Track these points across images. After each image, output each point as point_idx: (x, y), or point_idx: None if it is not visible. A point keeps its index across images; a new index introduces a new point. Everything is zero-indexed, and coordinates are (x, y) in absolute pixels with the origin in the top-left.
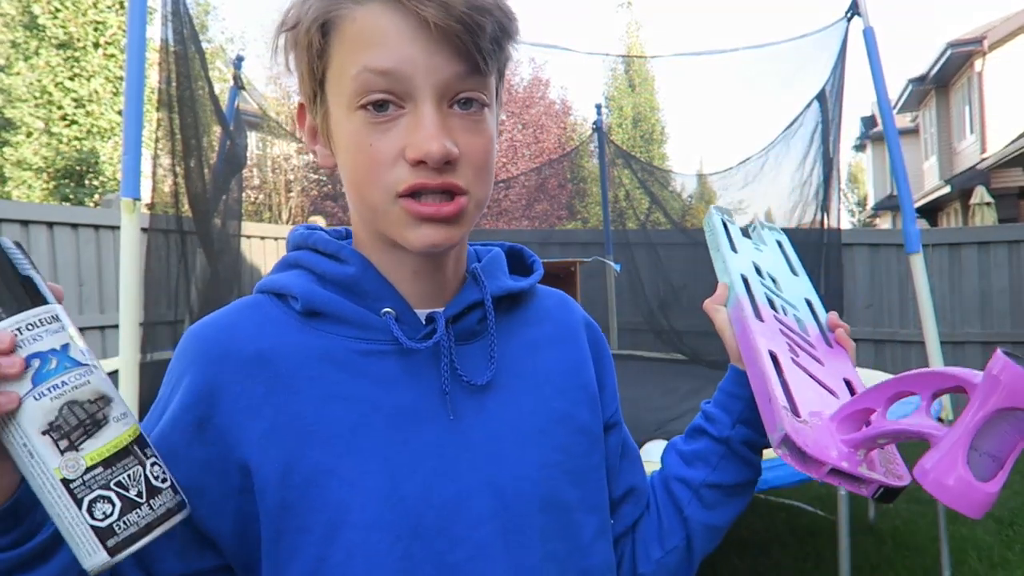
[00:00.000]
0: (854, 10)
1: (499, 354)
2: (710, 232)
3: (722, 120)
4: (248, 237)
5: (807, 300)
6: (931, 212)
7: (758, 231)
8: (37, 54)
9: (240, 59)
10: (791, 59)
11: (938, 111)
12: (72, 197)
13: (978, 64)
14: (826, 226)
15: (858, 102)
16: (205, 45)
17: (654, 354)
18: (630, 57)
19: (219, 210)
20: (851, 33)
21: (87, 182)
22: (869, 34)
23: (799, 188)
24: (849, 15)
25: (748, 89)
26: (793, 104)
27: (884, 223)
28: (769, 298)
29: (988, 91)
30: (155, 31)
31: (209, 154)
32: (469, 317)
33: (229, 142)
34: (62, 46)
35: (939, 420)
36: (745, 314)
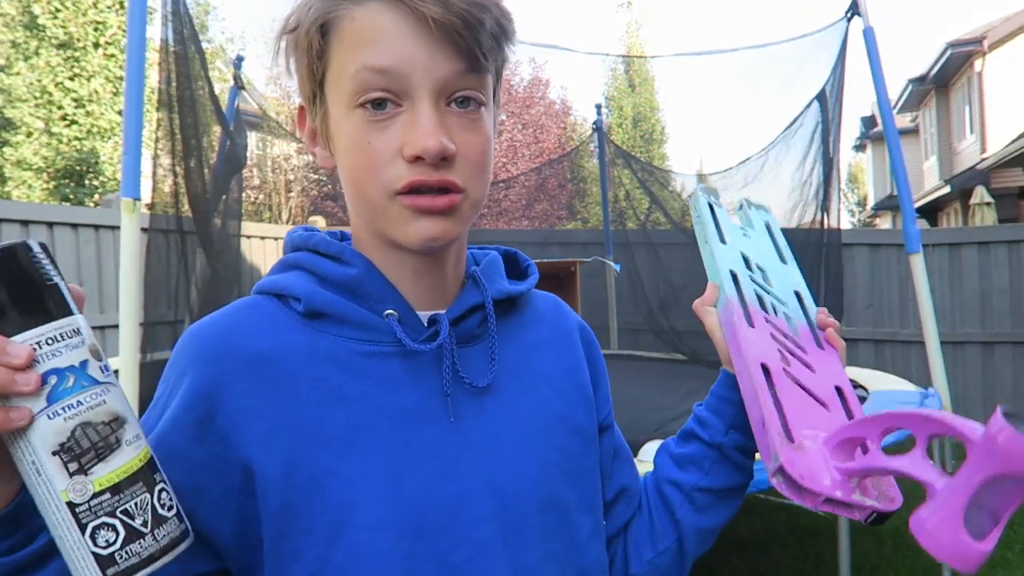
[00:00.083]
0: (854, 10)
1: (498, 356)
2: (697, 218)
3: (722, 120)
4: (248, 237)
5: (796, 293)
6: (931, 212)
7: (745, 211)
8: (37, 54)
9: (240, 59)
10: (791, 59)
11: (938, 111)
12: (72, 197)
13: (978, 64)
14: (826, 226)
15: (858, 102)
16: (205, 45)
17: (654, 354)
18: (630, 57)
19: (219, 210)
20: (851, 33)
21: (87, 182)
22: (869, 34)
23: (799, 188)
24: (849, 15)
25: (748, 89)
26: (793, 104)
27: (884, 223)
28: (759, 295)
29: (988, 91)
30: (155, 31)
31: (209, 154)
32: (470, 320)
33: (229, 142)
34: (62, 46)
35: None
36: (735, 320)
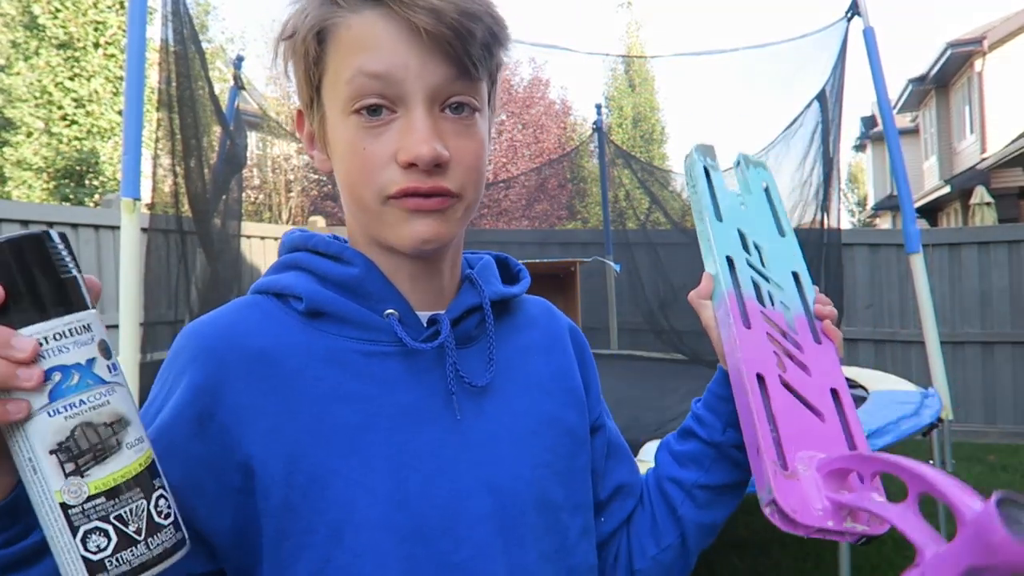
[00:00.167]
0: (854, 10)
1: (494, 357)
2: (692, 187)
3: (722, 120)
4: (248, 237)
5: (794, 274)
6: (931, 212)
7: (743, 171)
8: (37, 54)
9: (240, 59)
10: (791, 59)
11: (938, 111)
12: (72, 197)
13: (978, 64)
14: (826, 226)
15: (858, 102)
16: (205, 45)
17: (654, 354)
18: (630, 57)
19: (219, 210)
20: (851, 33)
21: (87, 182)
22: (869, 34)
23: (799, 188)
24: (849, 15)
25: (748, 89)
26: (793, 104)
27: (884, 223)
28: (755, 283)
29: (988, 91)
30: (155, 31)
31: (209, 154)
32: (467, 321)
33: (229, 142)
34: (62, 46)
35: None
36: (731, 322)
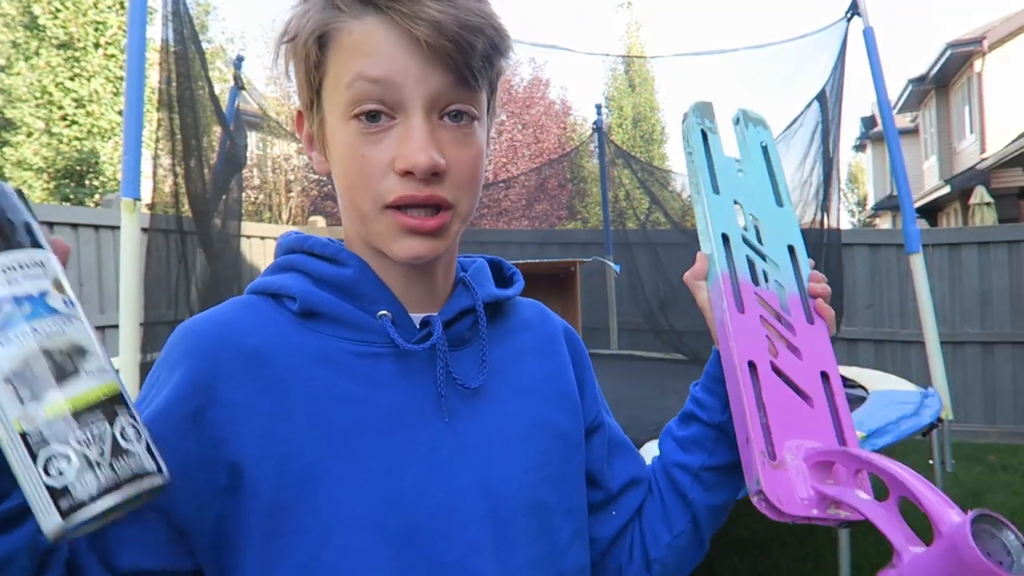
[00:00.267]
0: (854, 10)
1: (487, 359)
2: (689, 154)
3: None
4: (248, 237)
5: (790, 247)
6: (931, 212)
7: (742, 129)
8: (37, 54)
9: (240, 59)
10: (791, 59)
11: (938, 111)
12: (72, 197)
13: (978, 64)
14: (826, 226)
15: (858, 102)
16: (205, 45)
17: (654, 354)
18: (630, 57)
19: (219, 210)
20: (851, 33)
21: (87, 182)
22: (869, 34)
23: (799, 188)
24: (849, 15)
25: (748, 89)
26: (793, 104)
27: (884, 223)
28: (750, 260)
29: (988, 91)
30: (155, 31)
31: (209, 154)
32: (461, 323)
33: (229, 142)
34: (62, 46)
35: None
36: (725, 306)
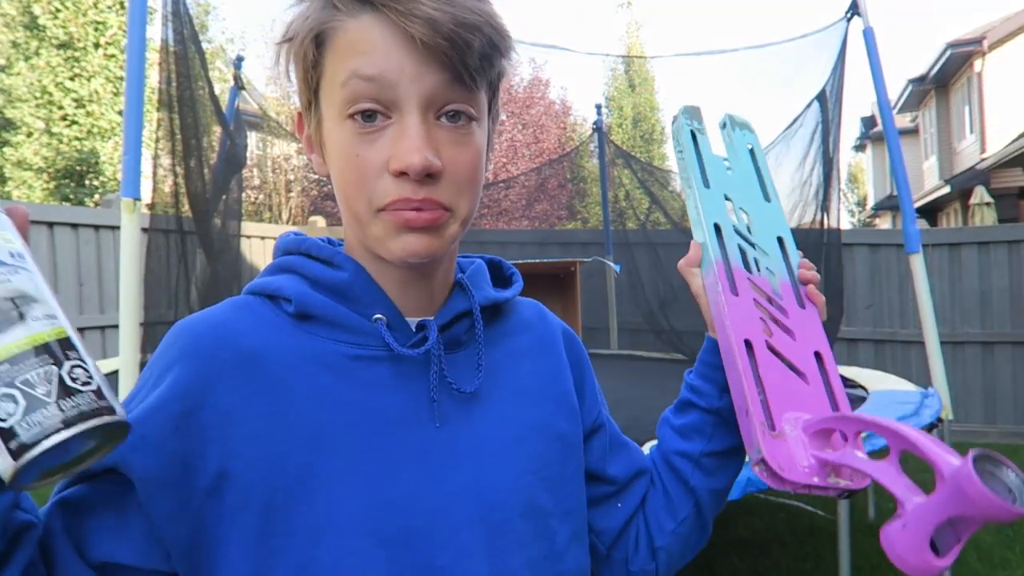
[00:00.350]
0: (854, 10)
1: (483, 363)
2: (679, 152)
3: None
4: (248, 237)
5: (779, 239)
6: (931, 212)
7: (728, 132)
8: (37, 54)
9: (240, 59)
10: (791, 59)
11: (938, 111)
12: (72, 197)
13: (978, 64)
14: (826, 226)
15: (858, 102)
16: (205, 45)
17: (654, 354)
18: (630, 57)
19: (219, 210)
20: (851, 33)
21: (87, 182)
22: (869, 34)
23: (799, 188)
24: (849, 15)
25: (748, 89)
26: (793, 104)
27: (884, 223)
28: (742, 249)
29: (988, 91)
30: (155, 31)
31: (209, 154)
32: (457, 326)
33: (229, 142)
34: (62, 46)
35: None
36: (719, 290)
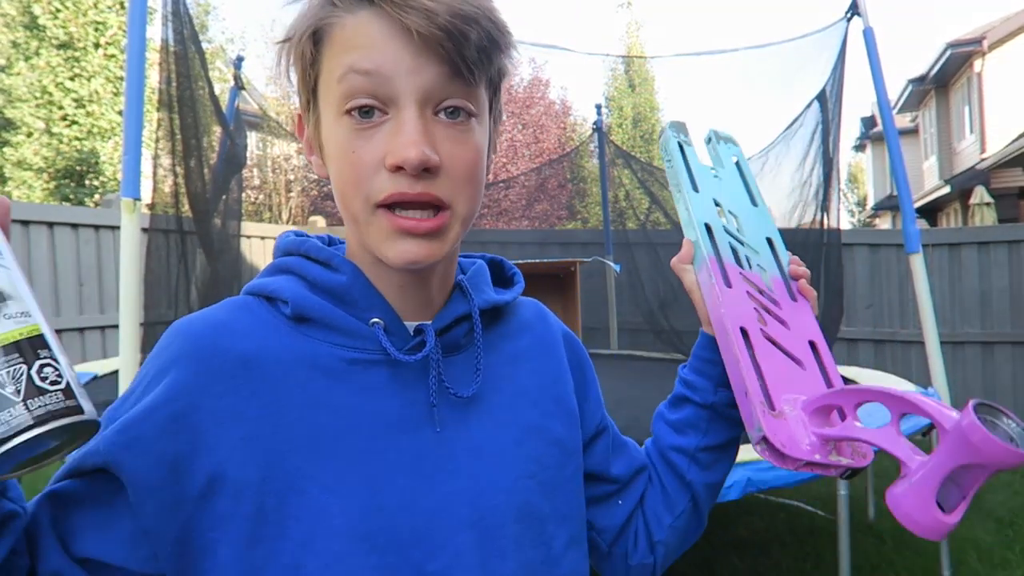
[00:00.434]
0: (854, 10)
1: (482, 366)
2: (668, 162)
3: (722, 120)
4: (248, 237)
5: (768, 240)
6: (931, 212)
7: (714, 146)
8: (38, 54)
9: (240, 59)
10: (791, 59)
11: (938, 111)
12: (72, 197)
13: (977, 64)
14: (826, 226)
15: (858, 102)
16: (205, 45)
17: (654, 354)
18: (630, 57)
19: (219, 210)
20: (851, 33)
21: (87, 182)
22: (869, 34)
23: (799, 188)
24: (849, 15)
25: (748, 89)
26: (793, 104)
27: (884, 223)
28: (733, 247)
29: (988, 91)
30: (155, 31)
31: (209, 154)
32: (456, 330)
33: (229, 142)
34: (63, 46)
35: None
36: (713, 281)
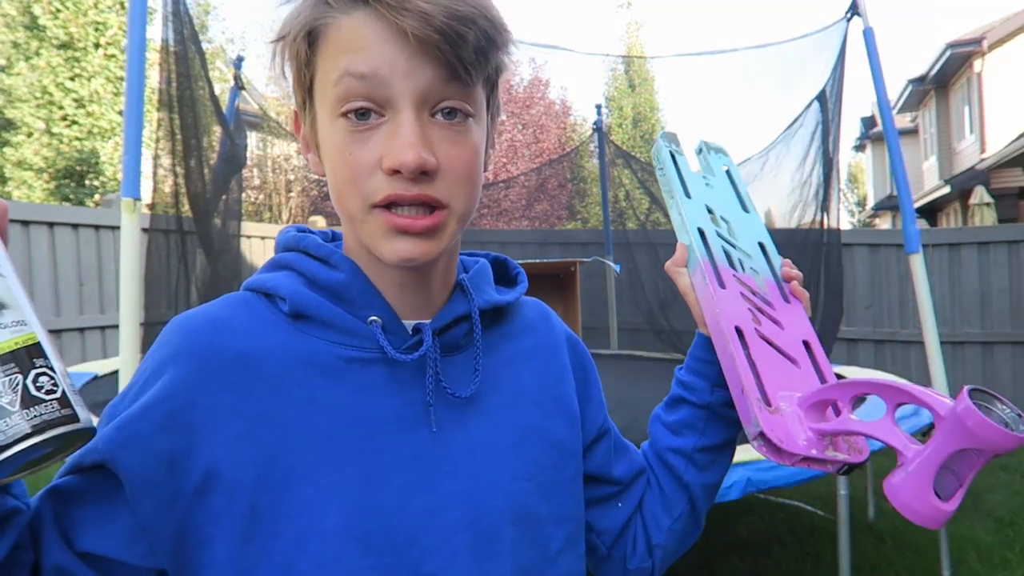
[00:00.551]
0: (854, 10)
1: (481, 367)
2: (660, 170)
3: (722, 120)
4: (248, 237)
5: (760, 244)
6: (931, 212)
7: (705, 156)
8: (38, 54)
9: (240, 59)
10: (791, 59)
11: (938, 111)
12: (72, 197)
13: (977, 64)
14: (826, 226)
15: (858, 102)
16: (205, 45)
17: (654, 354)
18: (630, 57)
19: (219, 210)
20: (851, 33)
21: (87, 182)
22: (869, 34)
23: (799, 188)
24: (849, 15)
25: (748, 89)
26: (793, 104)
27: (884, 223)
28: (726, 251)
29: (987, 91)
30: (155, 31)
31: (209, 154)
32: (455, 330)
33: (229, 142)
34: (63, 46)
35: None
36: (707, 283)
